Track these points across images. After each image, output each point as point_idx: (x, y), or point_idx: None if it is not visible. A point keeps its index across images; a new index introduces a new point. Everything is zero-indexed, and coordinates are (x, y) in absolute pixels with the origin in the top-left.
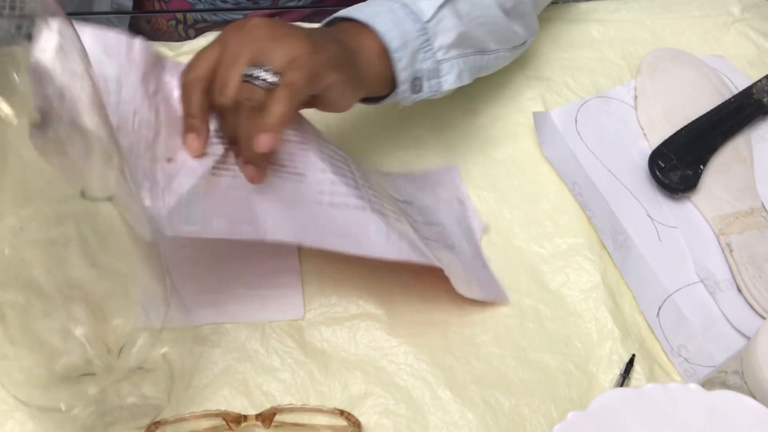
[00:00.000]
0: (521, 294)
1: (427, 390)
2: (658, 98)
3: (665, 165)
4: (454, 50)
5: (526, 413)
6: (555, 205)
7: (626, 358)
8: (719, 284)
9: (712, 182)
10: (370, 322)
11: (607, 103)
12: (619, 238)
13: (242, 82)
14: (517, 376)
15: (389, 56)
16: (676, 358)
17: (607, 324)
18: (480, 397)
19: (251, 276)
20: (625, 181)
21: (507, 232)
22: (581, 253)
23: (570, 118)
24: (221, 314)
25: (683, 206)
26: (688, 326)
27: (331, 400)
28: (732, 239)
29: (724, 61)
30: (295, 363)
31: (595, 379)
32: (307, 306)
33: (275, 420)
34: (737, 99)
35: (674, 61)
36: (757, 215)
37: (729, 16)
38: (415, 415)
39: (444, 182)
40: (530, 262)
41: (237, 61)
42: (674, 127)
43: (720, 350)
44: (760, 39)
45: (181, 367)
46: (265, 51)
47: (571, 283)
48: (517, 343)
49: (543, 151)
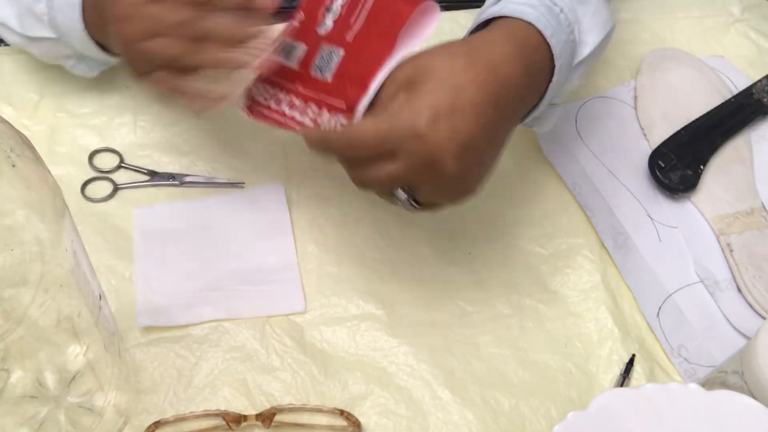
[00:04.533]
0: (521, 294)
1: (427, 390)
2: (658, 98)
3: (665, 165)
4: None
5: (526, 413)
6: (555, 205)
7: (626, 358)
8: (719, 284)
9: (712, 182)
10: (370, 322)
11: (607, 103)
12: (619, 238)
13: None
14: (517, 377)
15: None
16: (676, 358)
17: (607, 324)
18: (480, 397)
19: (250, 273)
20: (625, 181)
21: (507, 232)
22: (581, 253)
23: (570, 118)
24: (222, 312)
25: (683, 206)
26: (688, 326)
27: (331, 400)
28: (732, 239)
29: (724, 61)
30: (295, 363)
31: (595, 379)
32: (307, 306)
33: (275, 420)
34: (737, 99)
35: (674, 61)
36: (757, 215)
37: (729, 16)
38: (415, 415)
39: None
40: (530, 262)
41: (394, 184)
42: (674, 127)
43: (720, 350)
44: (760, 39)
45: (124, 416)
46: (425, 191)
47: (571, 283)
48: (517, 343)
49: (543, 151)
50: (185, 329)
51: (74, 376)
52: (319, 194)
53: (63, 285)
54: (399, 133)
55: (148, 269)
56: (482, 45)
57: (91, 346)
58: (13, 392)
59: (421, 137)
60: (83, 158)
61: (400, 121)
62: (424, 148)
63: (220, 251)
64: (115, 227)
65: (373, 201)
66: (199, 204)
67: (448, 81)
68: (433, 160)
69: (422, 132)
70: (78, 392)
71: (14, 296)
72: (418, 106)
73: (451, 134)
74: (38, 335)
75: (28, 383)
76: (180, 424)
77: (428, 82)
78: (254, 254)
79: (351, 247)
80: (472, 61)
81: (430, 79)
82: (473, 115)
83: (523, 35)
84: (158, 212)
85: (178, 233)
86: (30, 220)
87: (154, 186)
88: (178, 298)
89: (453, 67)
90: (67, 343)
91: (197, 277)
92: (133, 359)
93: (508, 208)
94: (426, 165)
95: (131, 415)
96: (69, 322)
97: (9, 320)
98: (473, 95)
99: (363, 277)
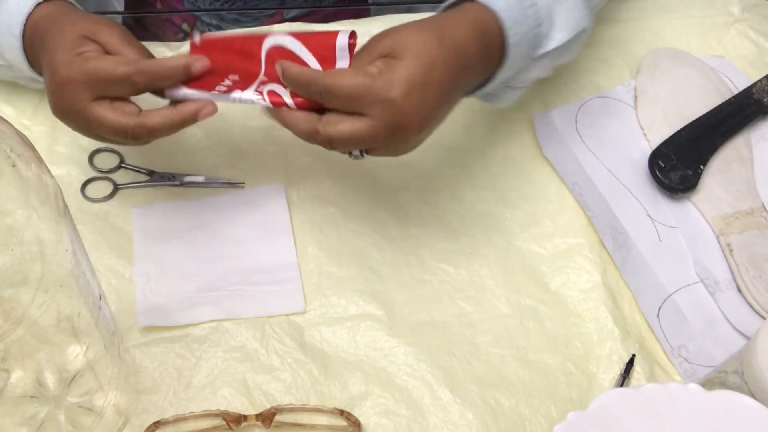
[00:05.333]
0: (521, 294)
1: (427, 390)
2: (658, 98)
3: (665, 165)
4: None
5: (526, 413)
6: (555, 205)
7: (626, 358)
8: (719, 284)
9: (712, 182)
10: (370, 322)
11: (607, 103)
12: (619, 238)
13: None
14: (517, 376)
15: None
16: (676, 358)
17: (607, 324)
18: (480, 397)
19: (250, 273)
20: (625, 181)
21: (507, 232)
22: (581, 253)
23: (570, 118)
24: (222, 312)
25: (683, 206)
26: (688, 326)
27: (331, 400)
28: (732, 239)
29: (724, 61)
30: (295, 363)
31: (595, 379)
32: (307, 306)
33: (275, 420)
34: (737, 99)
35: (674, 61)
36: (757, 215)
37: (729, 16)
38: (415, 415)
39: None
40: (530, 262)
41: (358, 144)
42: (674, 127)
43: (720, 350)
44: (760, 39)
45: (124, 416)
46: (377, 148)
47: (571, 283)
48: (517, 343)
49: (543, 151)
50: (185, 329)
51: (74, 376)
52: (319, 194)
53: (63, 285)
54: (373, 97)
55: (148, 269)
56: (451, 27)
57: (91, 346)
58: (13, 392)
59: (393, 105)
60: (83, 158)
61: (376, 85)
62: (394, 117)
63: (220, 251)
64: (115, 227)
65: (374, 201)
66: (199, 204)
67: (422, 58)
68: (398, 127)
69: (395, 101)
70: (78, 392)
71: (14, 296)
72: (394, 77)
73: (419, 107)
74: (38, 335)
75: (28, 383)
76: (180, 424)
77: (404, 56)
78: (254, 254)
79: (351, 247)
80: (441, 41)
81: (405, 53)
82: (439, 91)
83: (486, 23)
84: (158, 212)
85: (178, 233)
86: (30, 220)
87: (154, 186)
88: (178, 298)
89: (426, 45)
90: (67, 343)
91: (197, 277)
92: (133, 359)
93: (508, 208)
94: (391, 131)
95: (131, 415)
96: (69, 322)
97: (9, 320)
98: (441, 73)
99: (363, 277)
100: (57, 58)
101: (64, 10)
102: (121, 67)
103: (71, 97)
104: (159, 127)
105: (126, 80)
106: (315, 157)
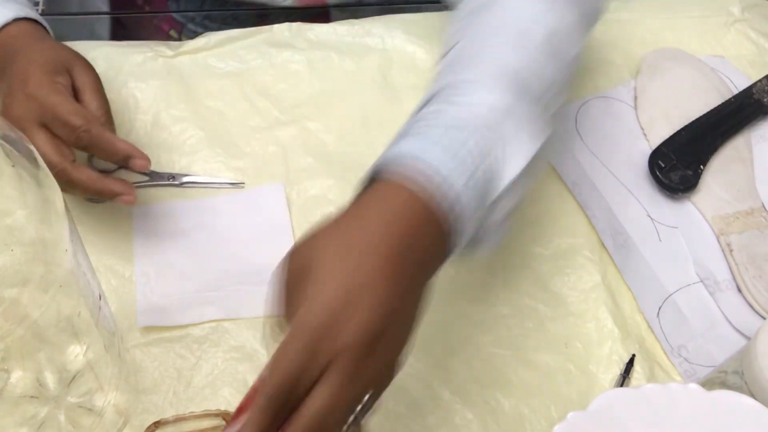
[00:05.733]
0: (521, 294)
1: (427, 390)
2: (658, 98)
3: (665, 165)
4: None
5: (526, 413)
6: (555, 205)
7: (626, 358)
8: (719, 284)
9: (712, 182)
10: None
11: (607, 103)
12: (619, 238)
13: None
14: (517, 376)
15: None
16: (676, 358)
17: (607, 324)
18: (480, 397)
19: (250, 273)
20: (625, 181)
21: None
22: (581, 253)
23: (570, 118)
24: (222, 312)
25: (683, 206)
26: (688, 326)
27: None
28: (732, 239)
29: (724, 61)
30: None
31: (595, 379)
32: None
33: None
34: (737, 99)
35: (674, 61)
36: (757, 215)
37: (729, 16)
38: (415, 415)
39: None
40: (530, 262)
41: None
42: (674, 127)
43: (720, 350)
44: (760, 39)
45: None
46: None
47: (571, 284)
48: (517, 343)
49: None
50: (185, 329)
51: (74, 376)
52: (319, 194)
53: (63, 285)
54: (310, 353)
55: (148, 269)
56: (368, 218)
57: (91, 346)
58: (13, 392)
59: (330, 349)
60: (83, 158)
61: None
62: (343, 361)
63: (220, 251)
64: (115, 227)
65: None
66: (199, 204)
67: (337, 277)
68: (352, 365)
69: (325, 345)
70: (78, 392)
71: (14, 296)
72: (310, 316)
73: (356, 332)
74: (38, 335)
75: (28, 383)
76: (180, 424)
77: (315, 280)
78: (254, 254)
79: None
80: (355, 246)
81: (317, 276)
82: (371, 306)
83: (413, 203)
84: (158, 212)
85: (178, 233)
86: (30, 220)
87: (154, 186)
88: (178, 298)
89: (340, 258)
90: (67, 343)
91: (197, 277)
92: (133, 359)
93: None
94: (351, 371)
95: (131, 415)
96: (69, 322)
97: (9, 320)
98: (368, 282)
99: None
100: (31, 70)
101: (41, 34)
102: (76, 119)
103: (25, 111)
104: (79, 184)
105: (74, 131)
106: (315, 157)
